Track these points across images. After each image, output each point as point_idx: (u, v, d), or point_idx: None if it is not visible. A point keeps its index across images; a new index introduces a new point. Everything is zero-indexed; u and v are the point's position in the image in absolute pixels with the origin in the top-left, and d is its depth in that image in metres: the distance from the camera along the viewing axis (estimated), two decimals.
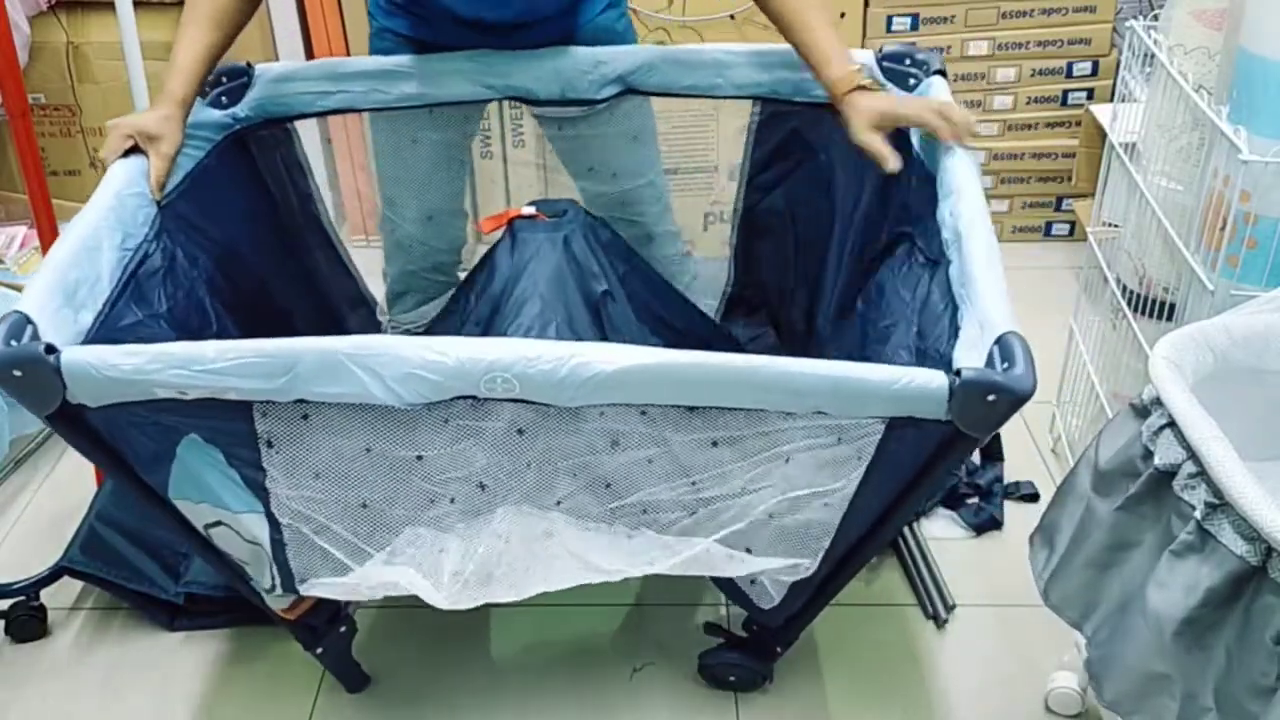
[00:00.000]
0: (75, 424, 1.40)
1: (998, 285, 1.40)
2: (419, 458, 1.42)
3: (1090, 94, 3.15)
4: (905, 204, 1.78)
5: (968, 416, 1.31)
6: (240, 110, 1.94)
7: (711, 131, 2.97)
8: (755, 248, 2.24)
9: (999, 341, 1.30)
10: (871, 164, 1.72)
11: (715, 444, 1.41)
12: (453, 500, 1.47)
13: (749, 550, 1.54)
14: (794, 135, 2.04)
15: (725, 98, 2.01)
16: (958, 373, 1.29)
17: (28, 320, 1.34)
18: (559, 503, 1.48)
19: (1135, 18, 2.19)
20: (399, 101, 1.98)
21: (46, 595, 2.09)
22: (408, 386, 1.32)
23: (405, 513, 1.48)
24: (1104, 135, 2.36)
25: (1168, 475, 1.33)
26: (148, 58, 2.66)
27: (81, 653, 2.05)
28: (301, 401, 1.36)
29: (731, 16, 3.02)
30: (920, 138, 1.75)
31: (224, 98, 1.93)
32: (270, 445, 1.41)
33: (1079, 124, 3.10)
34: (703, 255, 2.36)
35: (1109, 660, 1.42)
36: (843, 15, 3.06)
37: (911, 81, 1.86)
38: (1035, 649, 1.97)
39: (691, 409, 1.37)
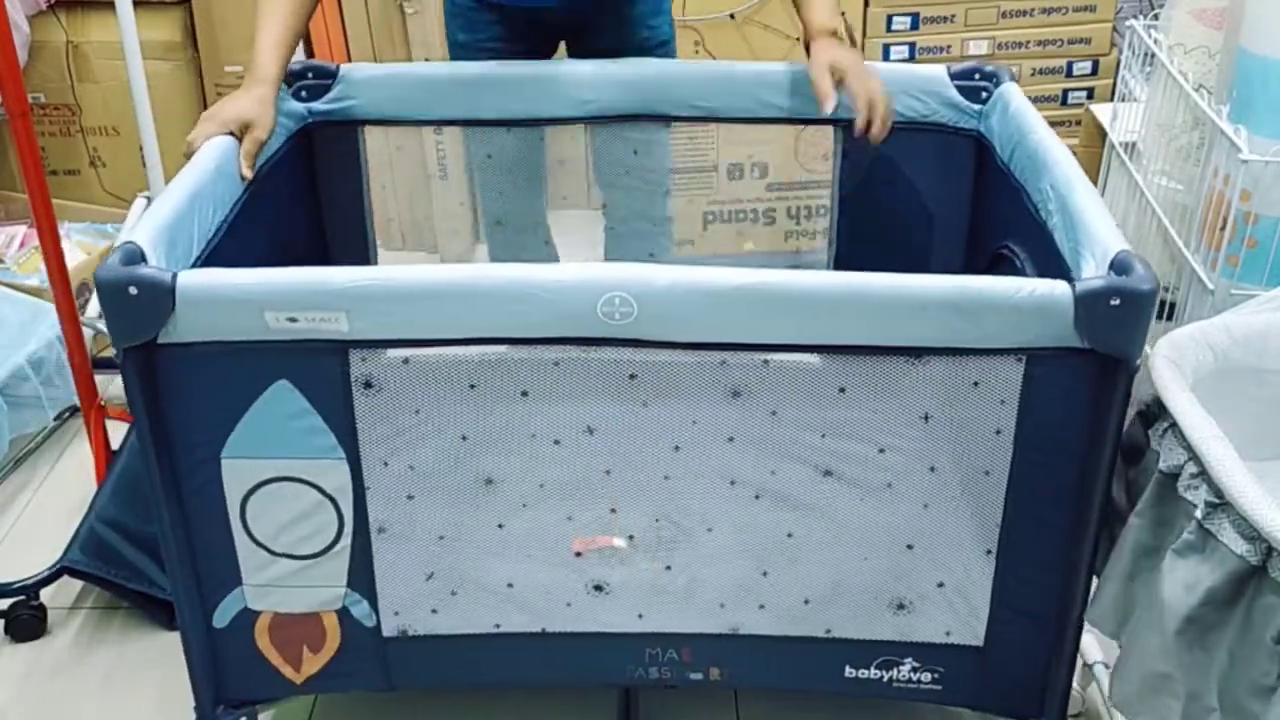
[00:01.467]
0: (148, 365, 1.40)
1: (1106, 218, 1.44)
2: (524, 394, 1.45)
3: (1090, 93, 3.16)
4: (1000, 219, 1.80)
5: (1098, 329, 1.31)
6: (317, 105, 1.97)
7: (711, 131, 2.97)
8: None
9: (1114, 261, 1.34)
10: (965, 185, 1.79)
11: (842, 390, 1.41)
12: (557, 442, 1.48)
13: (910, 547, 1.52)
14: (882, 159, 2.03)
15: (806, 122, 2.01)
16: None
17: (141, 253, 1.38)
18: (677, 448, 1.48)
19: (1135, 17, 2.19)
20: (480, 114, 2.00)
21: (46, 595, 2.08)
22: (523, 307, 1.34)
23: (505, 448, 1.49)
24: (1104, 134, 2.37)
25: (1172, 477, 1.33)
26: (148, 57, 2.66)
27: (81, 653, 2.04)
28: (401, 344, 1.39)
29: (731, 16, 3.02)
30: (1004, 150, 1.79)
31: (304, 92, 1.95)
32: (368, 386, 1.43)
33: (1079, 123, 3.11)
34: None
35: (1121, 661, 1.42)
36: (842, 14, 3.06)
37: (984, 95, 1.91)
38: None
39: (814, 352, 1.39)
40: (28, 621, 2.06)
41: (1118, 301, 1.30)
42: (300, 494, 1.50)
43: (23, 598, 2.05)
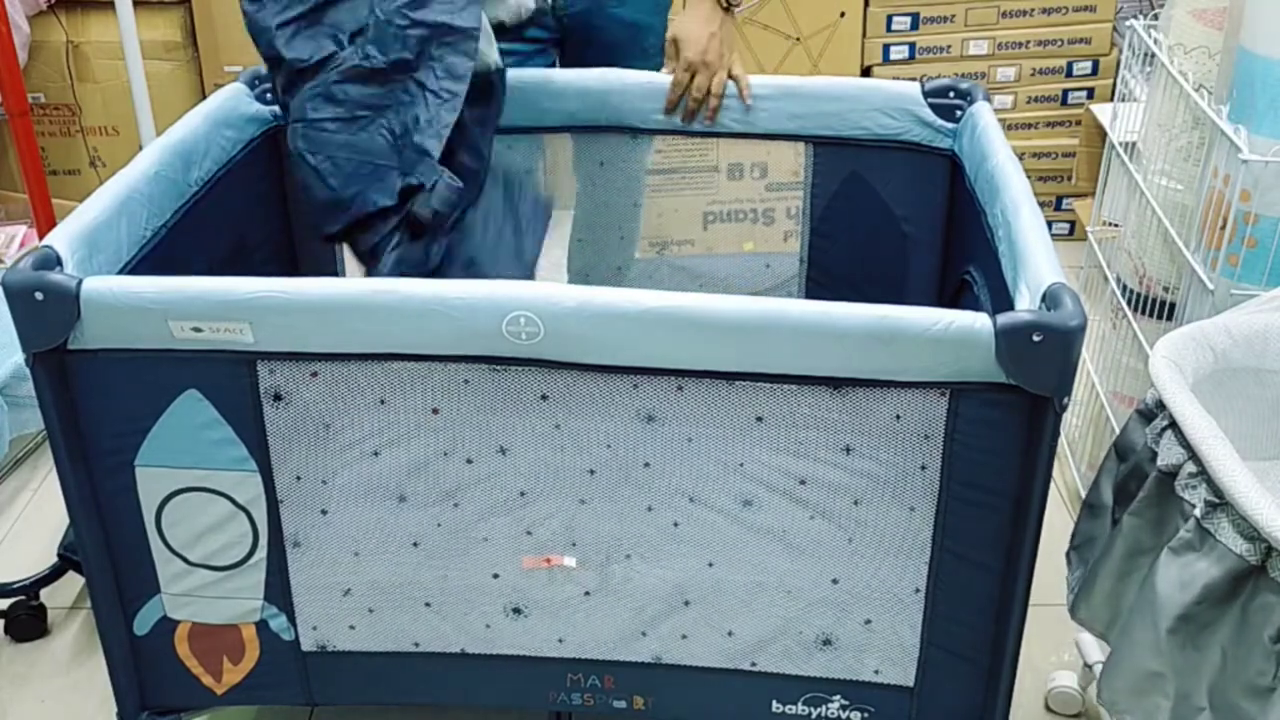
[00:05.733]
0: (60, 372, 1.41)
1: (1045, 247, 1.40)
2: (435, 411, 1.43)
3: (1090, 93, 3.16)
4: (967, 243, 1.76)
5: (1022, 365, 1.27)
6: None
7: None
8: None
9: (1045, 294, 1.30)
10: (940, 205, 1.80)
11: (760, 419, 1.39)
12: (469, 461, 1.46)
13: (835, 581, 1.49)
14: (853, 177, 2.00)
15: (774, 137, 1.99)
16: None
17: (57, 258, 1.38)
18: (591, 472, 1.46)
19: (1135, 17, 2.18)
20: None
21: (46, 595, 2.08)
22: (428, 324, 1.33)
23: (417, 465, 1.48)
24: (1104, 134, 2.36)
25: (1170, 476, 1.33)
26: (148, 57, 2.67)
27: (81, 652, 2.05)
28: (308, 357, 1.38)
29: None
30: (971, 171, 1.76)
31: (269, 94, 1.93)
32: (277, 399, 1.42)
33: (1079, 123, 3.10)
34: None
35: (1112, 660, 1.42)
36: (842, 15, 3.06)
37: (958, 113, 1.88)
38: (1035, 649, 1.97)
39: (730, 380, 1.36)
40: (28, 621, 2.06)
41: (1040, 337, 1.25)
42: (214, 505, 1.49)
43: (23, 597, 2.06)
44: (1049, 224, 3.58)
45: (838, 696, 1.57)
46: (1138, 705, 1.35)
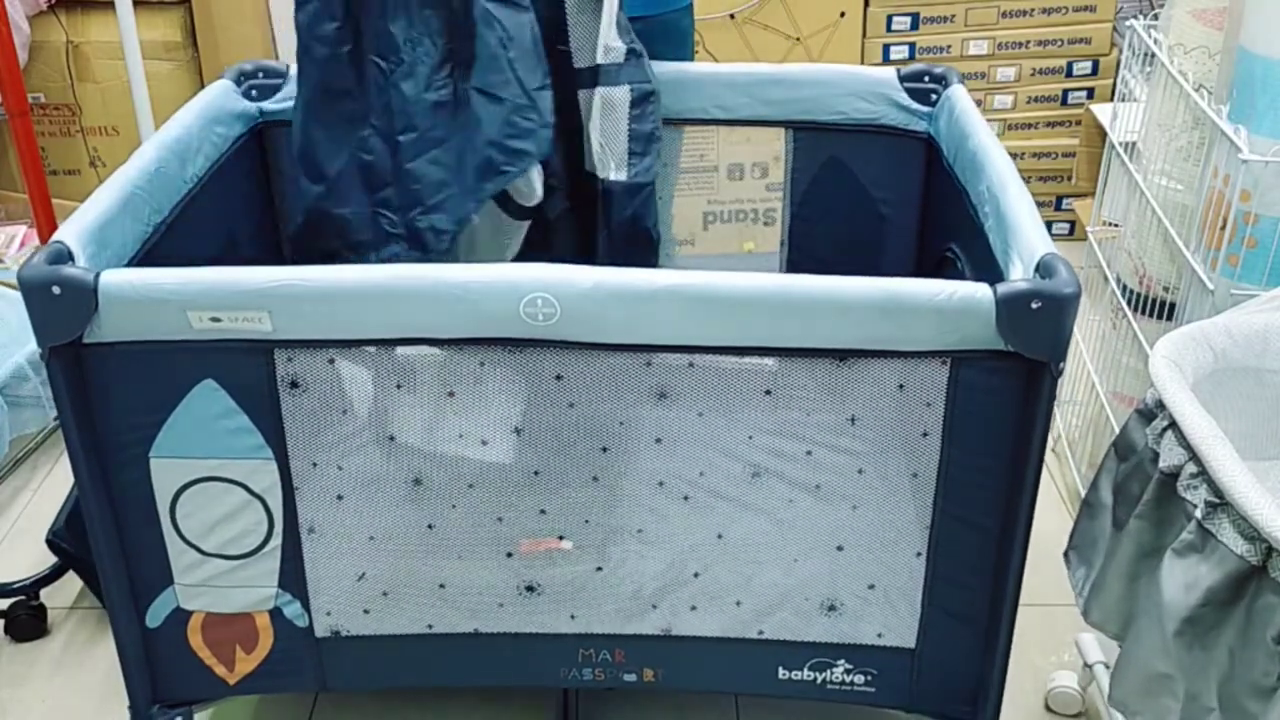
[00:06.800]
0: (75, 365, 1.41)
1: (1035, 220, 1.44)
2: (450, 394, 1.45)
3: (1090, 93, 3.16)
4: (947, 221, 1.80)
5: (1020, 332, 1.32)
6: (268, 105, 1.97)
7: (711, 130, 2.97)
8: None
9: (1039, 264, 1.35)
10: (916, 187, 1.81)
11: (768, 392, 1.42)
12: (484, 442, 1.48)
13: (839, 548, 1.53)
14: (832, 162, 2.03)
15: (755, 123, 2.02)
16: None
17: (69, 253, 1.39)
18: (605, 449, 1.49)
19: (1135, 17, 2.19)
20: None
21: (46, 595, 2.09)
22: (445, 308, 1.35)
23: (433, 448, 1.49)
24: (1104, 134, 2.36)
25: (1172, 478, 1.33)
26: (148, 57, 2.67)
27: (81, 652, 2.05)
28: (325, 344, 1.40)
29: (731, 16, 3.02)
30: (950, 152, 1.79)
31: (254, 91, 1.95)
32: (294, 386, 1.43)
33: (1079, 123, 3.11)
34: None
35: (1121, 662, 1.42)
36: (842, 15, 3.06)
37: (933, 96, 1.91)
38: (1035, 649, 1.97)
39: (740, 355, 1.39)
40: (28, 621, 2.06)
41: (1039, 304, 1.30)
42: (229, 494, 1.50)
43: (23, 597, 2.06)
44: (1049, 224, 3.57)
45: (842, 660, 1.61)
46: (1148, 707, 1.35)
